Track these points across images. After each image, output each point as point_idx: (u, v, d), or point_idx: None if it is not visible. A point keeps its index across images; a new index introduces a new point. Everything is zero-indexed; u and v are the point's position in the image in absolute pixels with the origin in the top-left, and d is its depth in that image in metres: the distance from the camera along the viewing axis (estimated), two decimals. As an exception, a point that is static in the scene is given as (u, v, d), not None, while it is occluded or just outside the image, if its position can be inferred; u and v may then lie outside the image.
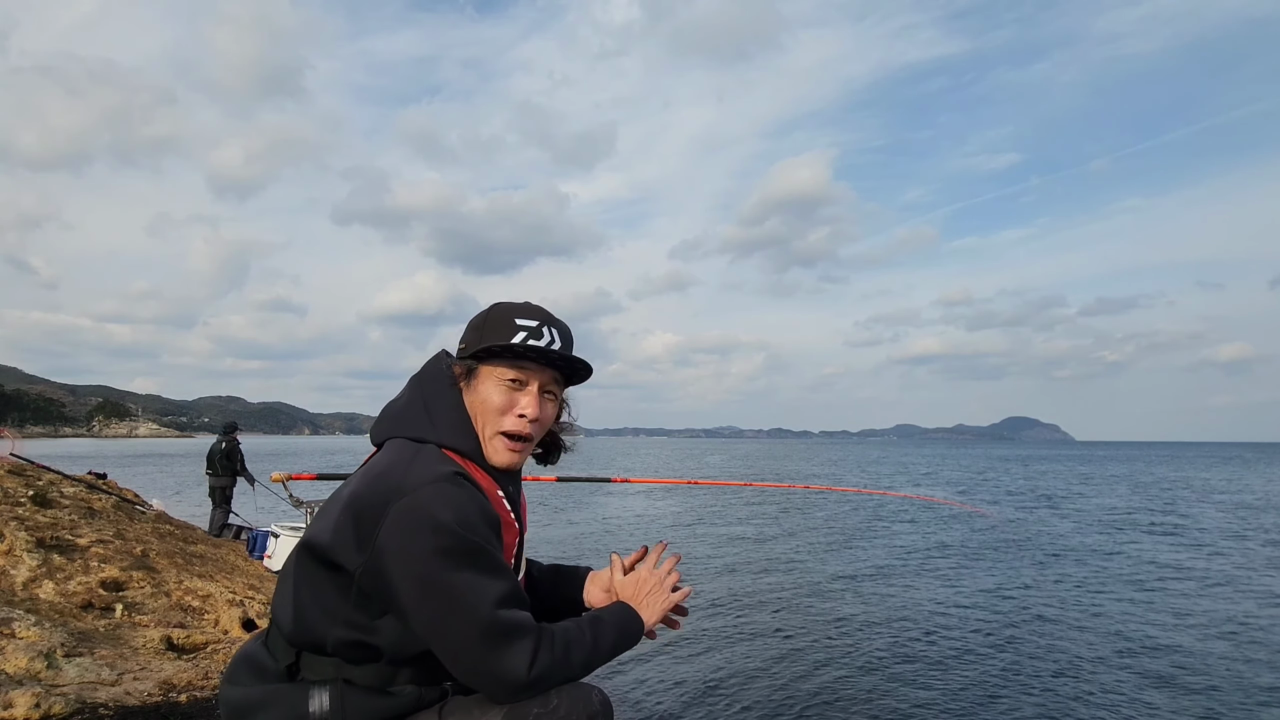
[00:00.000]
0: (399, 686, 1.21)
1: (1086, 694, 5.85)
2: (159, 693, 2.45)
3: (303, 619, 1.20)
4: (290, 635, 1.22)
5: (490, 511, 1.21)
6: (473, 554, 1.14)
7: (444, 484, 1.17)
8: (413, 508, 1.14)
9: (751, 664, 6.52)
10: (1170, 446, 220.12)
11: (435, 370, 1.37)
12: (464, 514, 1.15)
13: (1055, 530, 16.08)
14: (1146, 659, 6.77)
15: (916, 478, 37.74)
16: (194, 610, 3.98)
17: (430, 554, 1.12)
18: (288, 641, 1.22)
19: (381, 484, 1.18)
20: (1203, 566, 11.59)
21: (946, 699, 5.73)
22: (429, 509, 1.13)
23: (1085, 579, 10.53)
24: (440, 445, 1.27)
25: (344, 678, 1.19)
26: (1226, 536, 15.14)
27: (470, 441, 1.30)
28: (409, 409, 1.33)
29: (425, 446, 1.26)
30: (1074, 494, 26.36)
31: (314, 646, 1.20)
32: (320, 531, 1.20)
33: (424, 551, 1.12)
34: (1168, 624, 8.03)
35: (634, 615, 1.35)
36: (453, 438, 1.29)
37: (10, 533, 4.05)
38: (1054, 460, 64.90)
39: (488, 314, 1.36)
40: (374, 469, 1.24)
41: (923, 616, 8.32)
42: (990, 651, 6.95)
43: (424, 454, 1.24)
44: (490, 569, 1.16)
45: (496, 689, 1.15)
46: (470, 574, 1.13)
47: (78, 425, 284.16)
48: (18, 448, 7.05)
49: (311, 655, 1.21)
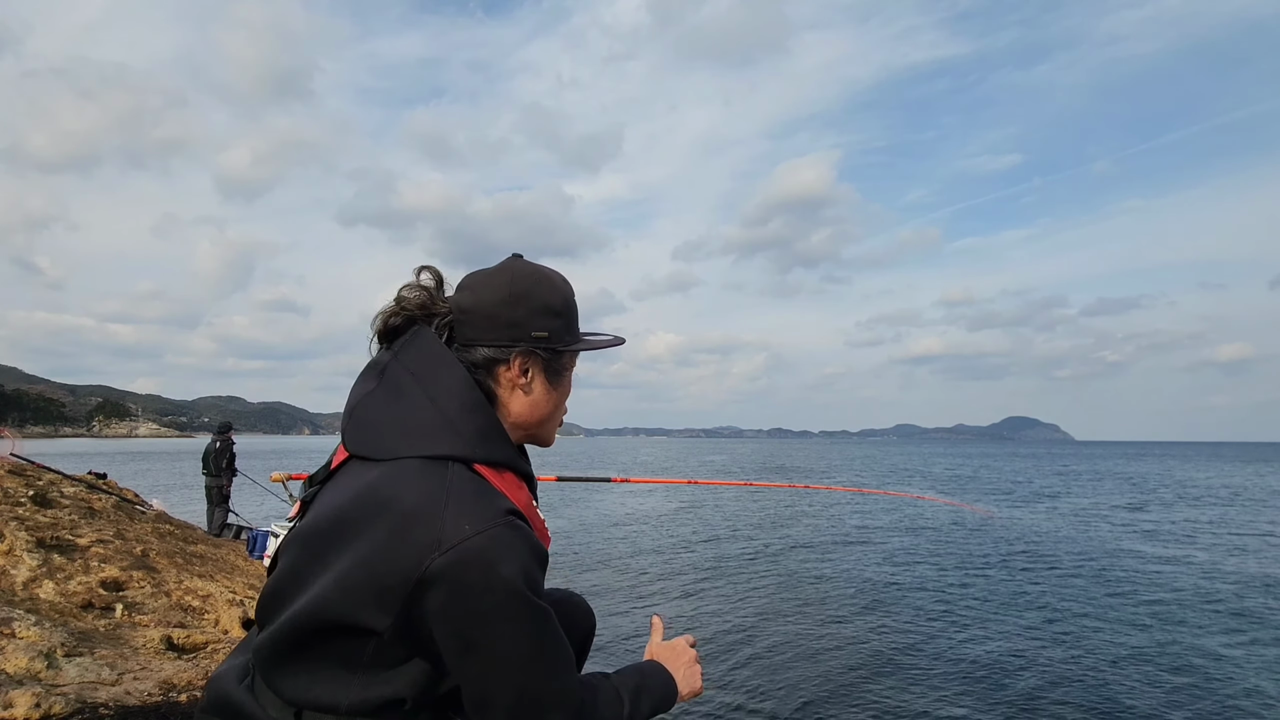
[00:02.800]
0: None
1: (1086, 693, 5.85)
2: (159, 692, 2.45)
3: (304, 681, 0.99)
4: (289, 696, 1.00)
5: (540, 547, 1.00)
6: (537, 620, 0.95)
7: (501, 530, 0.94)
8: (468, 565, 0.91)
9: (751, 663, 6.52)
10: (1170, 446, 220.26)
11: (432, 359, 1.07)
12: (527, 565, 0.95)
13: (1053, 529, 16.08)
14: (1145, 657, 6.77)
15: (915, 477, 37.73)
16: (194, 610, 3.98)
17: (488, 619, 0.92)
18: (286, 702, 1.00)
19: (414, 533, 0.92)
20: (1201, 565, 11.59)
21: (946, 698, 5.73)
22: (488, 568, 0.91)
23: (1083, 578, 10.53)
24: (471, 460, 1.01)
25: None
26: (1224, 534, 15.15)
27: (506, 448, 1.08)
28: (408, 408, 1.04)
29: (452, 469, 0.99)
30: (1071, 493, 26.35)
31: (321, 706, 0.99)
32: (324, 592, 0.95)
33: (480, 618, 0.92)
34: (1167, 623, 8.03)
35: (671, 682, 1.21)
36: (486, 448, 1.04)
37: (10, 533, 4.05)
38: (1053, 460, 64.91)
39: (565, 296, 1.14)
40: (390, 505, 0.95)
41: (922, 616, 8.32)
42: (989, 651, 6.95)
43: (456, 486, 0.97)
44: (549, 630, 0.98)
45: None
46: (528, 643, 0.95)
47: (78, 425, 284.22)
48: (18, 448, 7.04)
49: (316, 715, 1.00)
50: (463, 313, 1.10)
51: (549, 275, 1.14)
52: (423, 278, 1.15)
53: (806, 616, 8.29)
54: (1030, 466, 49.71)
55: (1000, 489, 28.92)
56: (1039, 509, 20.81)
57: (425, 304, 1.12)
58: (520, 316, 1.08)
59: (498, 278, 1.11)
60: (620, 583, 10.01)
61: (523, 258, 1.17)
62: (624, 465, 53.83)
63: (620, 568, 11.27)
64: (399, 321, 1.12)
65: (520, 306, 1.08)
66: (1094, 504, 22.34)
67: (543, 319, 1.10)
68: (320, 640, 0.97)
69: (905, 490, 27.92)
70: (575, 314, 1.16)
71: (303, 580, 0.99)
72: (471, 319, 1.09)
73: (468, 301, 1.10)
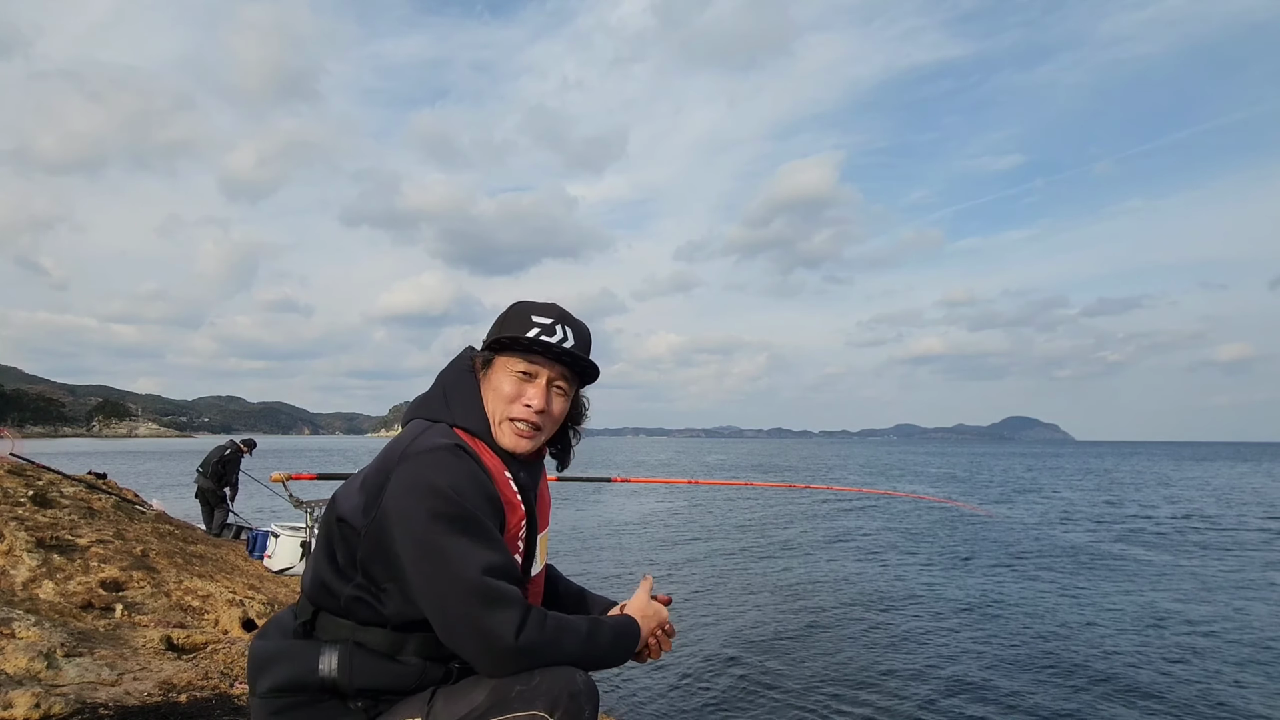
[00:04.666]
0: (406, 656, 1.26)
1: (1085, 691, 5.86)
2: (159, 693, 2.45)
3: (320, 577, 1.29)
4: (309, 592, 1.32)
5: (488, 486, 1.28)
6: (464, 520, 1.20)
7: (441, 452, 1.25)
8: (411, 471, 1.23)
9: (750, 663, 6.52)
10: (1170, 446, 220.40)
11: (458, 363, 1.48)
12: (457, 481, 1.22)
13: (1051, 528, 16.08)
14: (1144, 655, 6.78)
15: (914, 477, 37.74)
16: (194, 610, 3.98)
17: (424, 516, 1.19)
18: (307, 599, 1.32)
19: (389, 453, 1.30)
20: (1200, 561, 11.60)
21: (944, 696, 5.73)
22: (425, 473, 1.22)
23: (1081, 577, 10.53)
24: (452, 424, 1.36)
25: (355, 640, 1.26)
26: (1220, 533, 15.15)
27: (480, 423, 1.38)
28: (431, 395, 1.44)
29: (436, 424, 1.35)
30: (1069, 492, 26.36)
31: (329, 605, 1.29)
32: (343, 499, 1.31)
33: (418, 513, 1.19)
34: (1166, 619, 8.03)
35: (635, 630, 1.37)
36: (465, 418, 1.37)
37: (10, 533, 4.05)
38: (1052, 460, 64.93)
39: (509, 310, 1.45)
40: (389, 445, 1.35)
41: (920, 615, 8.32)
42: (989, 650, 6.95)
43: (433, 429, 1.33)
44: (481, 537, 1.21)
45: (482, 652, 1.17)
46: (462, 539, 1.18)
47: (77, 425, 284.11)
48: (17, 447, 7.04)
49: (328, 615, 1.29)
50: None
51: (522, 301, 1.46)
52: None
53: (805, 614, 8.29)
54: (1029, 466, 49.72)
55: (999, 489, 28.93)
56: (1037, 508, 20.81)
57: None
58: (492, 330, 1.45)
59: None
60: (620, 582, 10.01)
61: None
62: (624, 465, 53.84)
63: (620, 567, 11.28)
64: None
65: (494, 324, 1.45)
66: (1092, 503, 22.34)
67: (493, 329, 1.44)
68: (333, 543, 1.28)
69: (904, 490, 27.93)
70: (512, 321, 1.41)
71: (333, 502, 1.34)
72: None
73: None
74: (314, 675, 1.24)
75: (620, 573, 10.79)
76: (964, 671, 6.36)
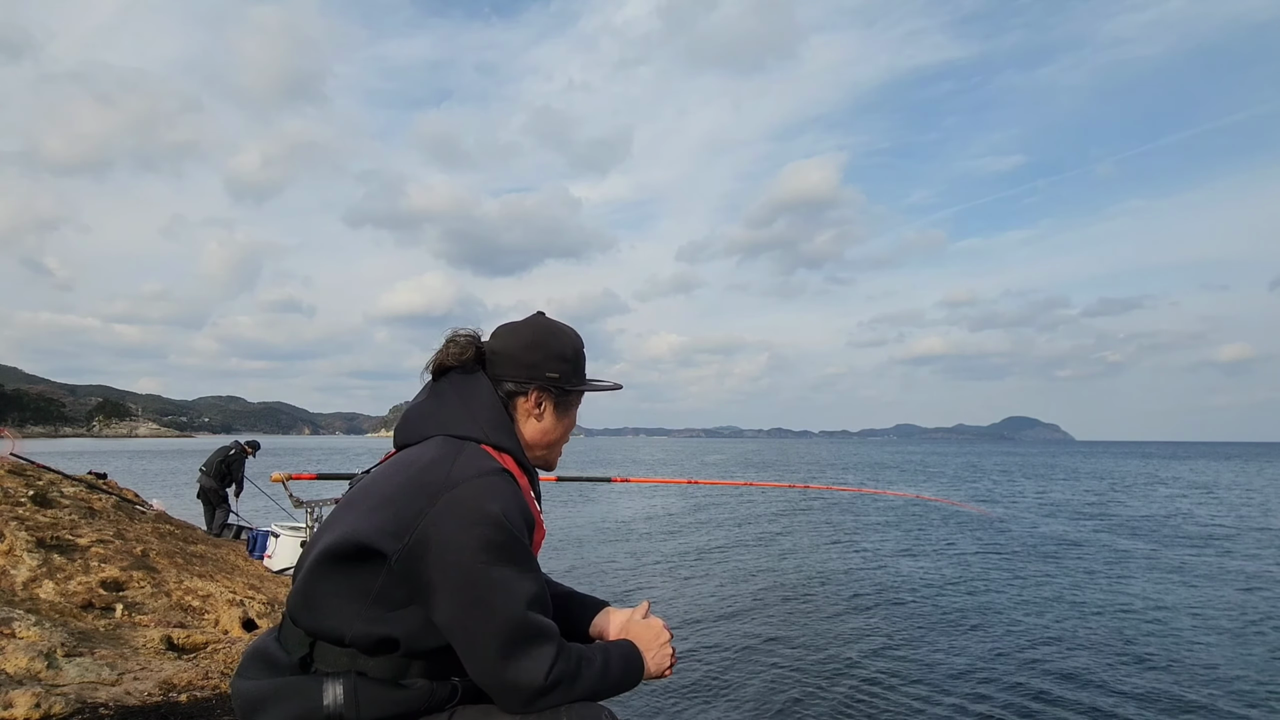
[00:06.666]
0: (411, 679, 1.19)
1: (1084, 690, 5.86)
2: (159, 693, 2.45)
3: (321, 609, 1.19)
4: (307, 626, 1.20)
5: (528, 509, 1.24)
6: (512, 548, 1.16)
7: (494, 477, 1.20)
8: (462, 499, 1.16)
9: (750, 664, 6.52)
10: (1170, 446, 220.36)
11: (471, 379, 1.38)
12: (510, 509, 1.18)
13: (1050, 528, 16.08)
14: (1144, 655, 6.78)
15: (914, 477, 37.74)
16: (194, 610, 3.98)
17: (476, 545, 1.13)
18: (304, 632, 1.20)
19: (428, 476, 1.20)
20: (1199, 561, 11.60)
21: (944, 695, 5.73)
22: (478, 501, 1.16)
23: (1079, 576, 10.54)
24: (483, 442, 1.29)
25: (358, 669, 1.17)
26: (1218, 531, 15.15)
27: (511, 440, 1.34)
28: (445, 408, 1.34)
29: (468, 443, 1.28)
30: (1068, 492, 26.36)
31: (331, 637, 1.18)
32: (354, 523, 1.19)
33: (470, 542, 1.13)
34: (1165, 617, 8.03)
35: (639, 657, 1.35)
36: (496, 435, 1.31)
37: (10, 533, 4.05)
38: (1052, 460, 64.92)
39: (575, 347, 1.44)
40: (416, 463, 1.24)
41: (919, 614, 8.33)
42: (987, 649, 6.95)
43: (469, 449, 1.26)
44: (525, 565, 1.18)
45: (509, 691, 1.14)
46: (510, 570, 1.15)
47: (78, 425, 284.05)
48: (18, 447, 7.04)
49: (327, 646, 1.19)
50: (494, 354, 1.40)
51: (563, 329, 1.45)
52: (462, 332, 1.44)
53: (803, 614, 8.29)
54: (1029, 466, 49.71)
55: (998, 489, 28.93)
56: (1037, 509, 20.82)
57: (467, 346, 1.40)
58: (538, 359, 1.38)
59: (522, 328, 1.42)
60: (620, 582, 10.01)
61: (545, 315, 1.47)
62: (624, 465, 53.83)
63: (620, 567, 11.28)
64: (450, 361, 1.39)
65: (538, 352, 1.39)
66: (1091, 503, 22.34)
67: (555, 363, 1.39)
68: (340, 570, 1.18)
69: (904, 490, 27.92)
70: (583, 362, 1.44)
71: (333, 524, 1.23)
72: (500, 359, 1.39)
73: (498, 346, 1.40)
74: (318, 713, 1.14)
75: (620, 573, 10.79)
76: (964, 671, 6.36)
